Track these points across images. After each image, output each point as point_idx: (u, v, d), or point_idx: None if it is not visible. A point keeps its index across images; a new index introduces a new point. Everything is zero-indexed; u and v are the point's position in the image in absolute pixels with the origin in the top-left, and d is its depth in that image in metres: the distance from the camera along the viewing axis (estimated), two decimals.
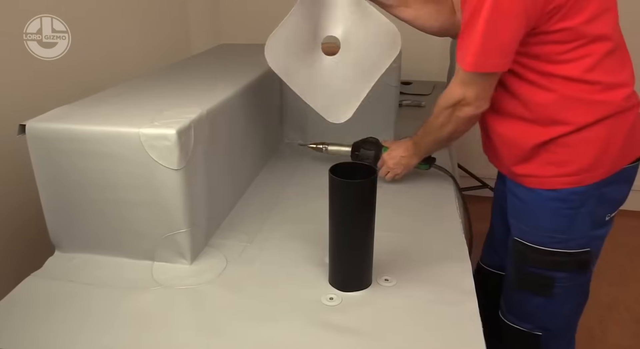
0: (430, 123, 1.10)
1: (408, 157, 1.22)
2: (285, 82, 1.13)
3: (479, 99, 0.99)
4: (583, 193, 1.00)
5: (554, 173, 1.01)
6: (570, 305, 1.10)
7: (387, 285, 0.89)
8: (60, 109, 0.97)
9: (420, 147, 1.19)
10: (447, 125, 1.06)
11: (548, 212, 1.03)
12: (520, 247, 1.08)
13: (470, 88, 0.97)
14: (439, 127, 1.08)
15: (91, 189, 0.92)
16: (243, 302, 0.86)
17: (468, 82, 0.97)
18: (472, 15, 0.90)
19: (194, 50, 2.24)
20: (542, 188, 1.03)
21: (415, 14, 1.18)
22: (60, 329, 0.80)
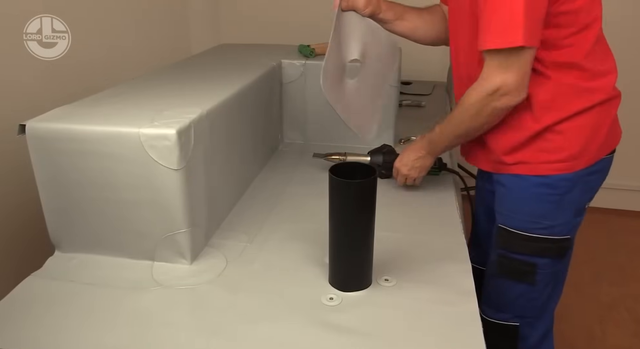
0: (456, 116, 1.04)
1: (422, 157, 1.16)
2: (335, 110, 1.12)
3: (520, 85, 0.93)
4: (571, 180, 1.02)
5: (546, 160, 1.02)
6: (548, 291, 1.12)
7: (387, 285, 0.89)
8: (60, 109, 0.97)
9: (437, 145, 1.13)
10: (479, 118, 1.00)
11: (535, 198, 1.04)
12: (504, 233, 1.09)
13: (511, 73, 0.91)
14: (467, 120, 1.02)
15: (91, 189, 0.92)
16: (243, 302, 0.86)
17: (508, 64, 0.91)
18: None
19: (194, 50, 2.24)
20: (531, 174, 1.03)
21: (413, 26, 1.19)
22: (61, 329, 0.80)
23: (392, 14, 1.17)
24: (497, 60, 0.92)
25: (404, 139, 1.55)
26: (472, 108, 0.99)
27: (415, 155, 1.16)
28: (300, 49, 1.59)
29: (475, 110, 0.98)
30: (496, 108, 0.96)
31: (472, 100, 0.98)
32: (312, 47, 1.55)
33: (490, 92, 0.94)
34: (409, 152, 1.18)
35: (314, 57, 1.53)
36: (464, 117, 1.02)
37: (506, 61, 0.91)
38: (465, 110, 1.00)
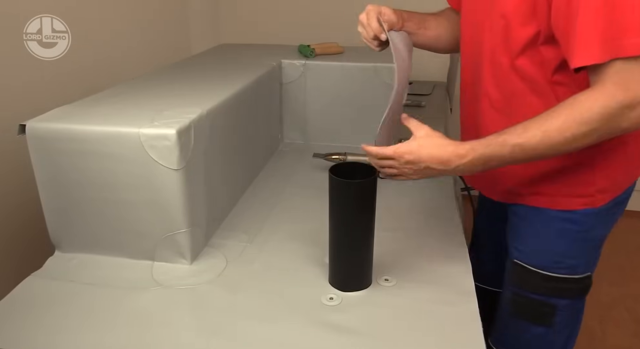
0: (557, 129, 0.74)
1: (447, 170, 0.81)
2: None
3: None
4: (597, 215, 0.91)
5: (569, 192, 0.90)
6: (567, 333, 1.02)
7: (387, 285, 0.89)
8: (60, 109, 0.97)
9: (491, 162, 0.79)
10: (589, 137, 0.74)
11: (556, 235, 0.93)
12: (521, 271, 0.98)
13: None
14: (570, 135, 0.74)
15: (91, 189, 0.92)
16: (243, 302, 0.86)
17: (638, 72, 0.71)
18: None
19: (194, 50, 2.24)
20: (552, 208, 0.92)
21: (436, 35, 1.08)
22: (61, 329, 0.80)
23: (414, 25, 1.04)
24: (624, 69, 0.71)
25: (404, 139, 1.55)
26: (591, 125, 0.73)
27: (442, 160, 0.80)
28: (300, 49, 1.59)
29: (594, 127, 0.73)
30: (623, 130, 0.75)
31: (596, 114, 0.72)
32: (312, 47, 1.55)
33: (625, 106, 0.71)
34: (436, 149, 0.81)
35: (314, 57, 1.54)
36: (574, 133, 0.74)
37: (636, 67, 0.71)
38: (579, 125, 0.73)
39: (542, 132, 0.74)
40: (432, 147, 0.81)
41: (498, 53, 0.87)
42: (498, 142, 0.77)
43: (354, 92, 1.48)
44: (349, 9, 2.46)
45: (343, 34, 2.03)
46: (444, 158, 0.79)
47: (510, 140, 0.76)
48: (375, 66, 1.45)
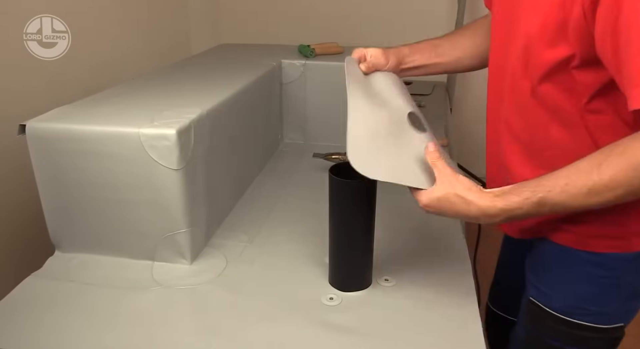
0: (606, 186, 0.63)
1: (475, 218, 0.71)
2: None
3: None
4: (631, 261, 0.80)
5: (599, 233, 0.79)
6: None
7: (387, 285, 0.89)
8: (60, 109, 0.97)
9: (543, 210, 0.68)
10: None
11: (582, 278, 0.82)
12: (537, 311, 0.87)
13: None
14: (622, 192, 0.63)
15: (91, 189, 0.92)
16: (243, 302, 0.86)
17: None
18: None
19: (194, 50, 2.24)
20: (578, 249, 0.81)
21: (454, 60, 0.97)
22: (61, 329, 0.80)
23: (420, 57, 0.96)
24: None
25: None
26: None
27: (462, 216, 0.72)
28: (300, 49, 1.59)
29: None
30: None
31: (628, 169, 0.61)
32: (312, 47, 1.55)
33: None
34: (461, 203, 0.71)
35: (314, 57, 1.54)
36: (626, 189, 0.63)
37: None
38: (631, 180, 0.62)
39: (588, 189, 0.63)
40: (461, 198, 0.71)
41: (518, 77, 0.77)
42: (535, 197, 0.66)
43: None
44: (349, 9, 2.47)
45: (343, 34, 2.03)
46: (477, 206, 0.70)
47: (550, 200, 0.65)
48: None
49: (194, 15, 2.39)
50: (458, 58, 0.97)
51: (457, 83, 2.37)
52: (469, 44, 0.97)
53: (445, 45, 0.97)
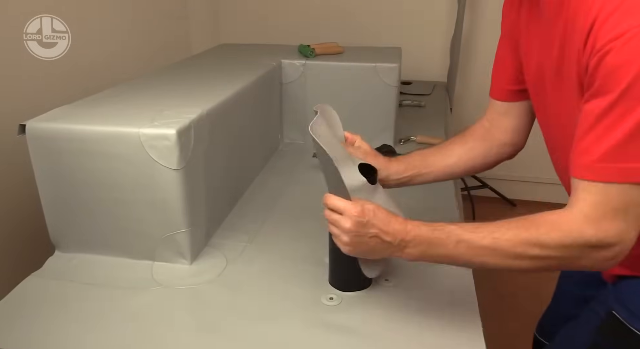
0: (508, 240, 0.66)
1: (387, 248, 0.73)
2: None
3: (634, 240, 0.63)
4: None
5: None
6: None
7: (387, 285, 0.89)
8: (60, 109, 0.97)
9: (424, 245, 0.72)
10: (547, 259, 0.66)
11: None
12: (618, 328, 0.80)
13: (637, 225, 0.62)
14: (521, 250, 0.66)
15: (91, 189, 0.92)
16: (243, 302, 0.86)
17: (635, 212, 0.61)
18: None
19: (194, 50, 2.24)
20: None
21: (443, 167, 0.95)
22: (60, 329, 0.80)
23: (410, 171, 0.94)
24: (614, 198, 0.61)
25: (403, 139, 1.55)
26: (546, 250, 0.65)
27: (386, 236, 0.72)
28: (300, 49, 1.59)
29: (549, 254, 0.65)
30: (581, 268, 0.67)
31: (554, 241, 0.64)
32: (312, 47, 1.55)
33: (590, 245, 0.63)
34: (383, 222, 0.72)
35: (314, 57, 1.54)
36: (524, 251, 0.66)
37: (631, 204, 0.61)
38: (532, 244, 0.65)
39: (493, 238, 0.66)
40: (385, 219, 0.73)
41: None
42: (446, 230, 0.70)
43: (354, 92, 1.48)
44: (349, 9, 2.47)
45: (343, 34, 2.03)
46: (388, 234, 0.72)
47: (457, 234, 0.69)
48: (375, 66, 1.45)
49: (194, 15, 2.39)
50: (452, 168, 0.96)
51: (457, 83, 2.38)
52: (461, 150, 0.96)
53: (436, 155, 0.97)
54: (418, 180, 0.95)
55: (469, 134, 0.98)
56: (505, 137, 0.94)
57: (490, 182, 2.47)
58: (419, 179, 0.95)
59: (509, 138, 0.94)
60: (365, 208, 0.72)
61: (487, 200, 2.33)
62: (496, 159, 0.96)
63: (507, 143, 0.95)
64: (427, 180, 0.96)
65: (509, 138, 0.94)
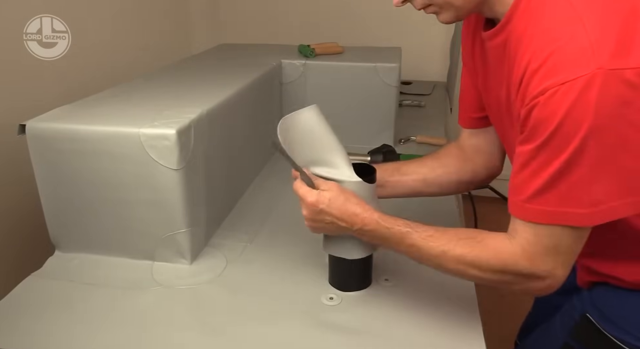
0: (453, 257, 0.72)
1: (344, 229, 0.79)
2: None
3: (566, 274, 0.68)
4: None
5: None
6: None
7: (387, 285, 0.89)
8: (60, 109, 0.97)
9: (383, 242, 0.78)
10: (483, 280, 0.72)
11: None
12: (590, 330, 0.82)
13: (567, 260, 0.67)
14: (462, 268, 0.72)
15: (91, 189, 0.92)
16: (243, 302, 0.86)
17: (564, 250, 0.66)
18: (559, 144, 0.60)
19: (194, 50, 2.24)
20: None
21: (420, 178, 0.95)
22: (60, 329, 0.80)
23: (383, 173, 0.93)
24: (543, 238, 0.65)
25: (403, 139, 1.55)
26: (484, 273, 0.70)
27: (340, 222, 0.78)
28: (300, 49, 1.59)
29: (486, 277, 0.71)
30: (515, 291, 0.72)
31: (492, 266, 0.69)
32: (312, 47, 1.55)
33: (522, 274, 0.68)
34: (337, 212, 0.77)
35: (314, 57, 1.54)
36: (465, 270, 0.72)
37: (560, 244, 0.65)
38: (472, 266, 0.71)
39: (442, 251, 0.72)
40: (349, 202, 0.78)
41: None
42: (401, 232, 0.75)
43: (354, 92, 1.48)
44: (349, 9, 2.47)
45: (343, 34, 2.03)
46: (351, 218, 0.77)
47: (412, 239, 0.74)
48: (375, 66, 1.45)
49: (194, 15, 2.39)
50: (424, 178, 0.95)
51: (457, 83, 2.37)
52: (434, 163, 0.97)
53: (410, 165, 0.97)
54: (390, 189, 0.94)
55: (442, 153, 0.99)
56: (479, 159, 0.95)
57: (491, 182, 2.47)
58: (393, 187, 0.94)
59: (484, 161, 0.95)
60: (320, 197, 0.78)
61: (487, 200, 2.33)
62: (473, 180, 0.97)
63: (482, 166, 0.95)
64: (401, 190, 0.95)
65: (483, 161, 0.95)
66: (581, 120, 0.57)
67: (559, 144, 0.60)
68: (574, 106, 0.57)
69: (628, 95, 0.58)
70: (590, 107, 0.57)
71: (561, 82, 0.58)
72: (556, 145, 0.60)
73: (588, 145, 0.58)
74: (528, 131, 0.63)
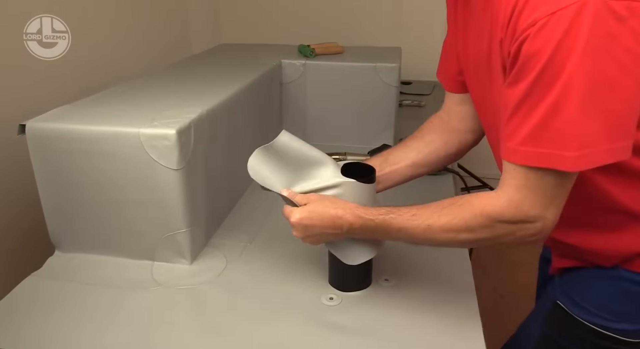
0: (442, 227, 0.72)
1: (338, 234, 0.79)
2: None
3: (556, 217, 0.68)
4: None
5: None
6: None
7: (387, 285, 0.89)
8: (60, 109, 0.97)
9: (381, 235, 0.79)
10: (478, 241, 0.72)
11: (620, 294, 0.80)
12: (563, 316, 0.85)
13: (554, 203, 0.66)
14: (458, 241, 0.73)
15: (91, 189, 0.92)
16: (243, 302, 0.86)
17: (552, 193, 0.65)
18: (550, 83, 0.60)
19: (194, 50, 2.24)
20: (622, 267, 0.79)
21: (410, 163, 0.95)
22: (60, 329, 0.80)
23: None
24: (533, 182, 0.65)
25: (403, 139, 1.55)
26: (474, 234, 0.70)
27: (326, 229, 0.78)
28: (300, 49, 1.59)
29: (477, 237, 0.71)
30: (508, 244, 0.71)
31: (479, 224, 0.69)
32: (312, 47, 1.55)
33: (511, 223, 0.68)
34: (319, 219, 0.78)
35: (314, 57, 1.54)
36: (455, 237, 0.72)
37: (548, 187, 0.65)
38: (461, 230, 0.71)
39: (427, 225, 0.72)
40: (320, 215, 0.78)
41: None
42: (385, 219, 0.75)
43: (354, 92, 1.48)
44: (349, 9, 2.47)
45: (343, 34, 2.03)
46: (335, 222, 0.77)
47: (397, 222, 0.74)
48: (375, 66, 1.45)
49: (194, 15, 2.39)
50: (413, 163, 0.95)
51: None
52: (420, 145, 0.97)
53: (396, 152, 0.97)
54: (384, 182, 0.94)
55: (425, 130, 0.99)
56: (466, 125, 0.95)
57: (491, 182, 2.47)
58: (386, 180, 0.94)
59: (469, 125, 0.95)
60: (301, 213, 0.78)
61: None
62: (460, 148, 0.97)
63: (468, 131, 0.95)
64: (395, 180, 0.95)
65: (469, 126, 0.95)
66: (571, 50, 0.57)
67: (550, 78, 0.59)
68: (566, 35, 0.57)
69: (616, 29, 0.57)
70: (582, 36, 0.56)
71: (552, 11, 0.57)
72: (548, 79, 0.59)
73: (577, 78, 0.58)
74: (518, 68, 0.62)
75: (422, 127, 1.01)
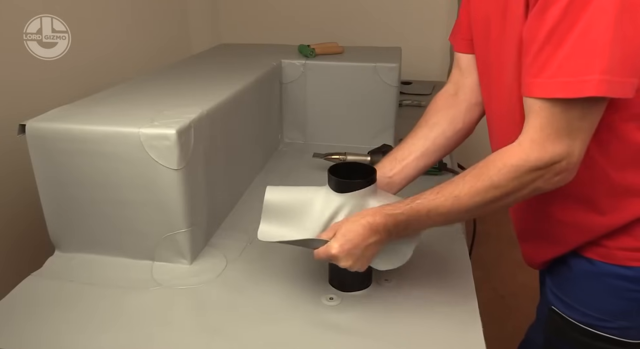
0: (468, 194, 0.71)
1: (380, 241, 0.77)
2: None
3: (582, 153, 0.66)
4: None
5: (629, 246, 0.76)
6: None
7: (387, 285, 0.89)
8: (60, 109, 0.97)
9: (414, 226, 0.77)
10: (506, 200, 0.70)
11: (610, 292, 0.79)
12: (559, 322, 0.85)
13: (579, 137, 0.65)
14: (487, 202, 0.70)
15: (91, 189, 0.92)
16: (243, 302, 0.86)
17: (577, 126, 0.64)
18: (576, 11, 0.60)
19: (194, 50, 2.24)
20: (606, 262, 0.79)
21: (420, 154, 0.93)
22: (60, 329, 0.80)
23: (385, 173, 0.93)
24: (558, 116, 0.63)
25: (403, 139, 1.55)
26: (502, 189, 0.68)
27: (368, 240, 0.75)
28: (300, 49, 1.59)
29: (506, 191, 0.68)
30: (540, 190, 0.68)
31: (505, 176, 0.67)
32: (312, 47, 1.56)
33: (537, 167, 0.66)
34: (356, 235, 0.75)
35: (314, 57, 1.54)
36: (483, 198, 0.70)
37: (576, 118, 0.63)
38: (487, 189, 0.69)
39: (454, 197, 0.71)
40: (352, 231, 0.76)
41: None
42: (412, 207, 0.74)
43: (354, 92, 1.48)
44: (349, 9, 2.47)
45: (343, 34, 2.03)
46: (368, 232, 0.75)
47: (424, 206, 0.74)
48: (375, 66, 1.45)
49: (194, 15, 2.39)
50: (422, 150, 0.94)
51: None
52: (424, 131, 0.95)
53: (403, 147, 0.95)
54: (399, 181, 0.93)
55: (429, 113, 0.97)
56: (472, 97, 0.93)
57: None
58: (401, 178, 0.93)
59: (476, 96, 0.93)
60: (335, 242, 0.75)
61: None
62: (468, 124, 0.95)
63: (475, 103, 0.93)
64: (409, 175, 0.93)
65: (475, 97, 0.93)
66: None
67: (580, 2, 0.59)
68: None
69: None
70: None
71: None
72: (577, 5, 0.59)
73: (605, 3, 0.58)
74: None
75: (426, 111, 0.98)
